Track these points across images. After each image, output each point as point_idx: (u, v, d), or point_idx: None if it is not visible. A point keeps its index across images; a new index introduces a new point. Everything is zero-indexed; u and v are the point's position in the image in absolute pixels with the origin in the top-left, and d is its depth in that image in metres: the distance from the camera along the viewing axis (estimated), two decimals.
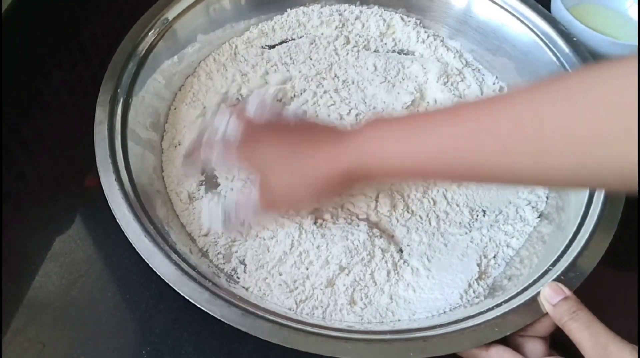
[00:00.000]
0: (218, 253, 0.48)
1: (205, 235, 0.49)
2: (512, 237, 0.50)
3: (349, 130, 0.45)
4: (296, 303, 0.45)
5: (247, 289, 0.46)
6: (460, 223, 0.51)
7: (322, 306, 0.45)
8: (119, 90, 0.52)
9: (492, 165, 0.36)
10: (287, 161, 0.43)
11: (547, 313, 0.41)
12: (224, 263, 0.48)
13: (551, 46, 0.57)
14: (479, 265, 0.48)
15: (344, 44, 0.62)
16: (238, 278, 0.47)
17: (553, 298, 0.40)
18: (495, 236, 0.51)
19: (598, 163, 0.32)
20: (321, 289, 0.46)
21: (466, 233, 0.51)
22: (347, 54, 0.62)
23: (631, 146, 0.30)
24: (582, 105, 0.32)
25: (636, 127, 0.30)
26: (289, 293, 0.45)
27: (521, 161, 0.35)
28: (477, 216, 0.52)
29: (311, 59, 0.61)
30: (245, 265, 0.48)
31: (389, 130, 0.40)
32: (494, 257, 0.49)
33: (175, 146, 0.55)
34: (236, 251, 0.49)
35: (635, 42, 0.59)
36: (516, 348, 0.41)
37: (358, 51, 0.62)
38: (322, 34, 0.64)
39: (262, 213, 0.46)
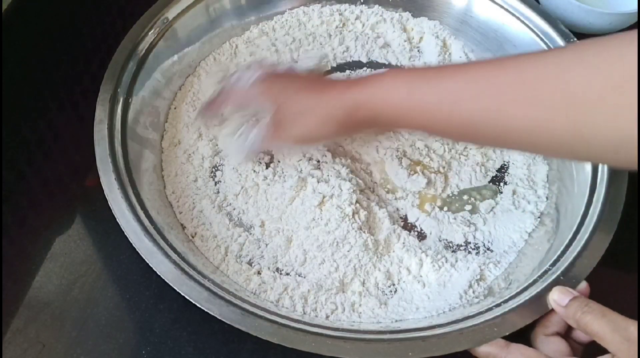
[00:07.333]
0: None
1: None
2: (513, 237, 0.50)
3: (363, 77, 0.47)
4: (294, 303, 0.45)
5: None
6: (461, 222, 0.51)
7: (323, 307, 0.45)
8: (119, 89, 0.52)
9: (489, 116, 0.37)
10: (304, 93, 0.46)
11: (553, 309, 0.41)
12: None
13: (551, 45, 0.57)
14: (479, 265, 0.48)
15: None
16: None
17: (563, 300, 0.40)
18: (496, 236, 0.51)
19: (594, 128, 0.33)
20: (324, 292, 0.46)
21: (468, 233, 0.51)
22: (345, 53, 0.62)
23: (632, 120, 0.31)
24: (590, 68, 0.33)
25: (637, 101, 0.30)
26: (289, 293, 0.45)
27: (517, 113, 0.36)
28: (479, 215, 0.52)
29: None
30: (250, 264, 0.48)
31: (399, 77, 0.43)
32: (495, 257, 0.49)
33: (175, 145, 0.55)
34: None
35: (609, 11, 0.60)
36: (539, 346, 0.40)
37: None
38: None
39: (272, 142, 0.49)
